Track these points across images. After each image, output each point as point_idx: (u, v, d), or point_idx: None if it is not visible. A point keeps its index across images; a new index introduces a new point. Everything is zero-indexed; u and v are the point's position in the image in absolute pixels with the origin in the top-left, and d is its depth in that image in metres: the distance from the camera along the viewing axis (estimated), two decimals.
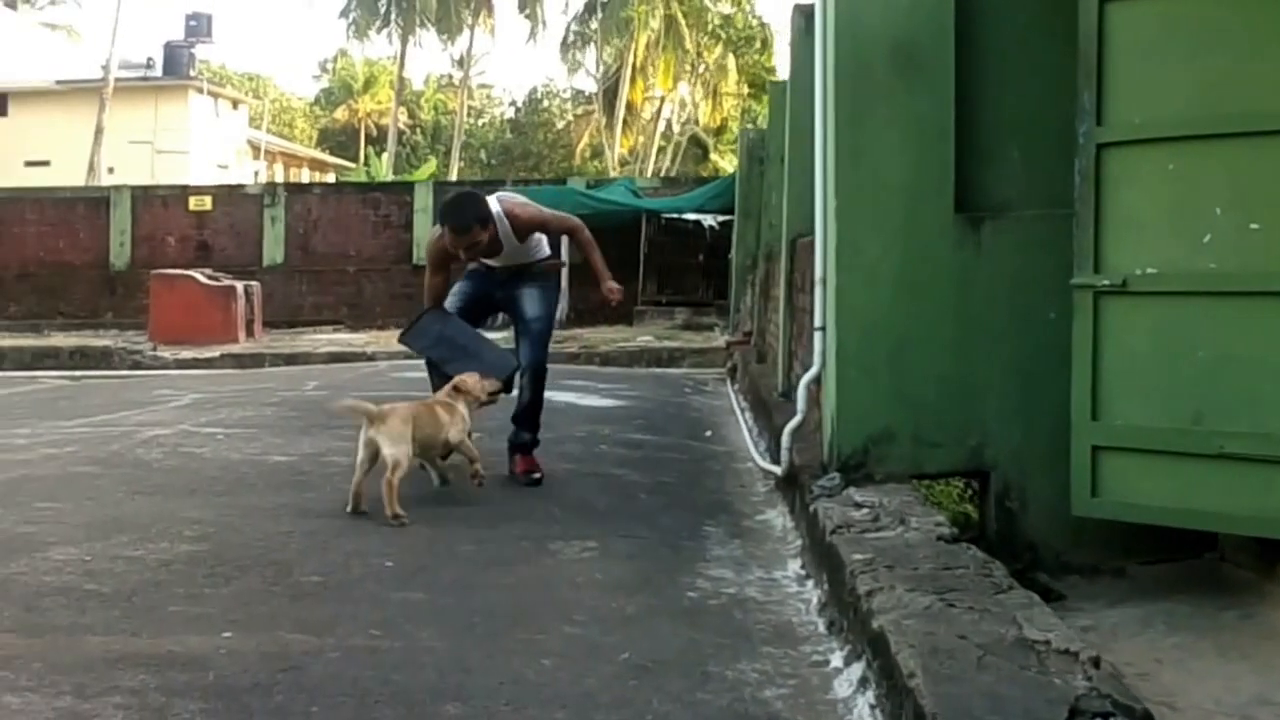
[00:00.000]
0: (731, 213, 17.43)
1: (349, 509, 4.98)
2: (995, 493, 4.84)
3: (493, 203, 5.75)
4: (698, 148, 43.39)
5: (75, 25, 41.94)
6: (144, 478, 5.69)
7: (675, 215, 18.90)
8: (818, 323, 5.07)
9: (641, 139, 43.56)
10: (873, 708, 2.87)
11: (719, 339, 14.77)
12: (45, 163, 31.59)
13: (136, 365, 14.50)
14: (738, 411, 9.02)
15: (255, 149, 38.06)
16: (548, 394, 6.12)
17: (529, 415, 5.95)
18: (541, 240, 6.04)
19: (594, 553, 4.51)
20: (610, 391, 9.49)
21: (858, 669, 3.09)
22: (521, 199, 6.05)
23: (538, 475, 5.81)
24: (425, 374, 6.29)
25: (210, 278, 16.45)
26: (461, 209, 5.66)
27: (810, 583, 4.18)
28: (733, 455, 7.13)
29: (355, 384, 10.49)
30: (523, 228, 5.83)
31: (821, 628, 3.65)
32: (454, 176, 37.51)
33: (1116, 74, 4.20)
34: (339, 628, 3.49)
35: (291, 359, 14.49)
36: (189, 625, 3.48)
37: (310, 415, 7.92)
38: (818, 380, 5.18)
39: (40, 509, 4.98)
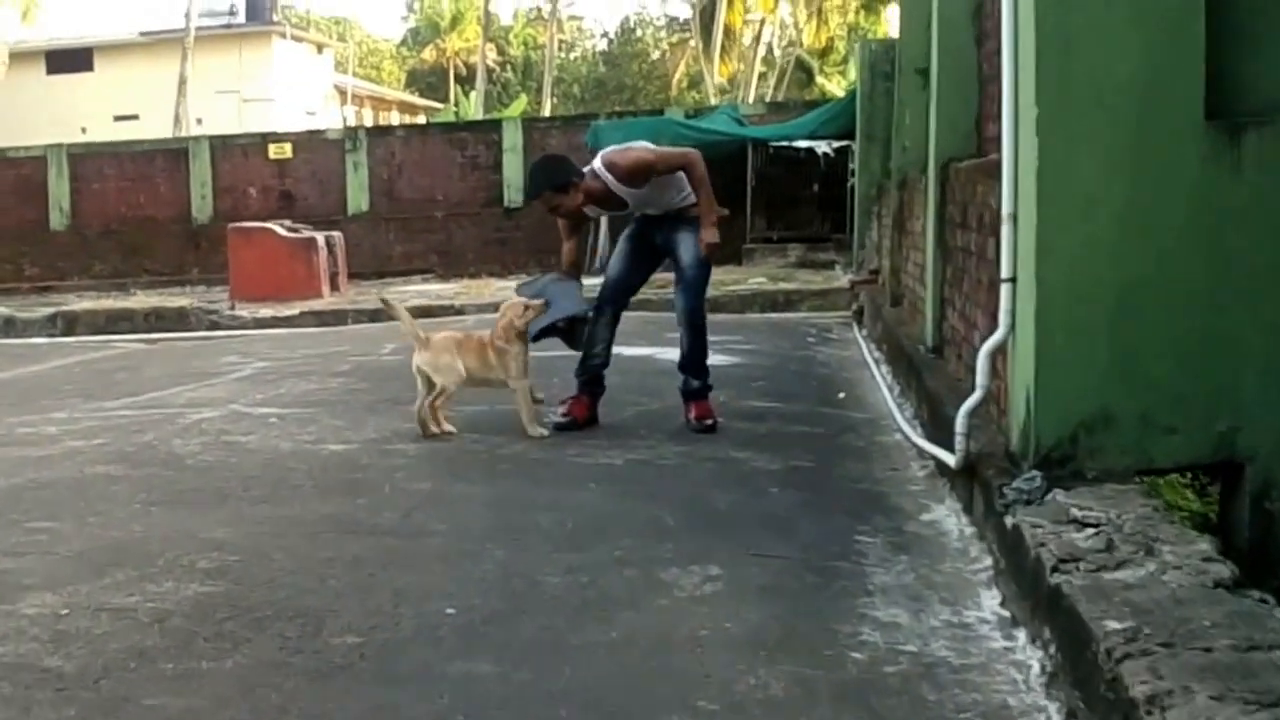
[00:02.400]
0: (847, 138, 16.09)
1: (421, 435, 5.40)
2: (1250, 491, 3.63)
3: (596, 160, 5.66)
4: (802, 71, 41.22)
5: None
6: (171, 481, 4.73)
7: (785, 143, 17.47)
8: (1005, 272, 3.89)
9: (741, 66, 41.63)
10: None
11: (840, 278, 13.45)
12: (134, 117, 31.29)
13: (214, 325, 13.74)
14: (871, 364, 7.84)
15: (343, 94, 37.37)
16: (650, 351, 6.15)
17: (690, 361, 5.74)
18: (684, 182, 5.68)
19: (718, 585, 3.41)
20: (723, 346, 8.25)
21: None
22: (624, 146, 5.78)
23: (710, 422, 5.61)
24: None
25: (289, 229, 15.60)
26: (534, 175, 5.79)
27: (1022, 634, 3.03)
28: (874, 423, 5.99)
29: None
30: (625, 175, 5.55)
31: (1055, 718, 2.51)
32: (546, 113, 36.26)
33: None
34: None
35: (375, 315, 13.55)
36: None
37: (381, 387, 6.94)
38: (1002, 347, 3.99)
39: (33, 531, 4.05)
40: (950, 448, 4.40)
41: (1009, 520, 3.40)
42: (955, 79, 6.26)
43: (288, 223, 16.07)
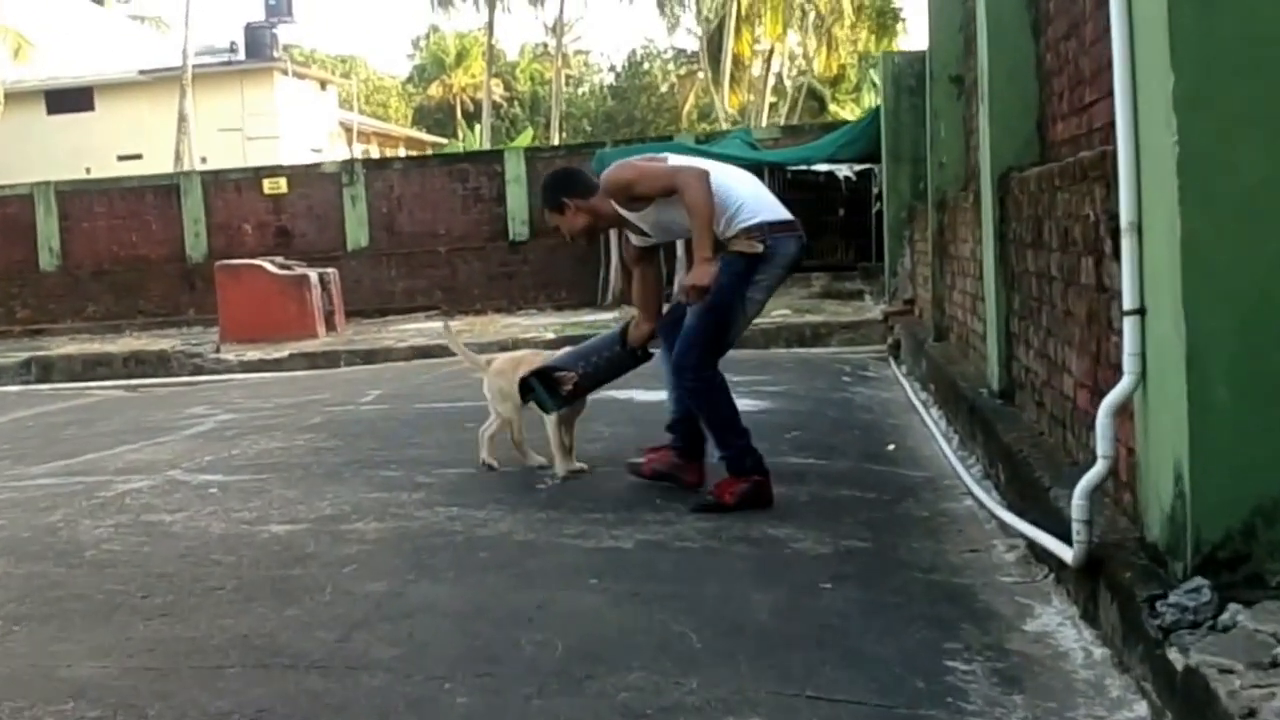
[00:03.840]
0: (869, 160, 15.30)
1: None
2: None
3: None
4: (813, 100, 40.48)
5: (164, 17, 40.98)
6: (57, 583, 3.71)
7: (803, 167, 16.51)
8: (1129, 301, 2.90)
9: (751, 96, 40.87)
10: None
11: (872, 308, 12.48)
12: (137, 156, 30.59)
13: (198, 370, 12.81)
14: (919, 408, 6.87)
15: (348, 131, 36.64)
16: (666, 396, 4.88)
17: (704, 426, 4.61)
18: (728, 204, 4.51)
19: None
20: (749, 387, 7.23)
21: None
22: (627, 160, 4.81)
23: (706, 502, 4.42)
24: None
25: (281, 266, 14.70)
26: (540, 191, 5.02)
27: None
28: (935, 484, 4.99)
29: (426, 390, 8.54)
30: (608, 194, 4.65)
31: None
32: (555, 143, 35.46)
33: None
34: None
35: (370, 356, 12.65)
36: None
37: (352, 446, 5.96)
38: (1127, 402, 2.99)
39: None
40: (1055, 530, 3.41)
41: (1177, 657, 2.39)
42: (1010, 75, 5.33)
43: (279, 259, 15.18)
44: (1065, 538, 3.27)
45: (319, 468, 5.40)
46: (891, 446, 5.89)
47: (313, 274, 14.52)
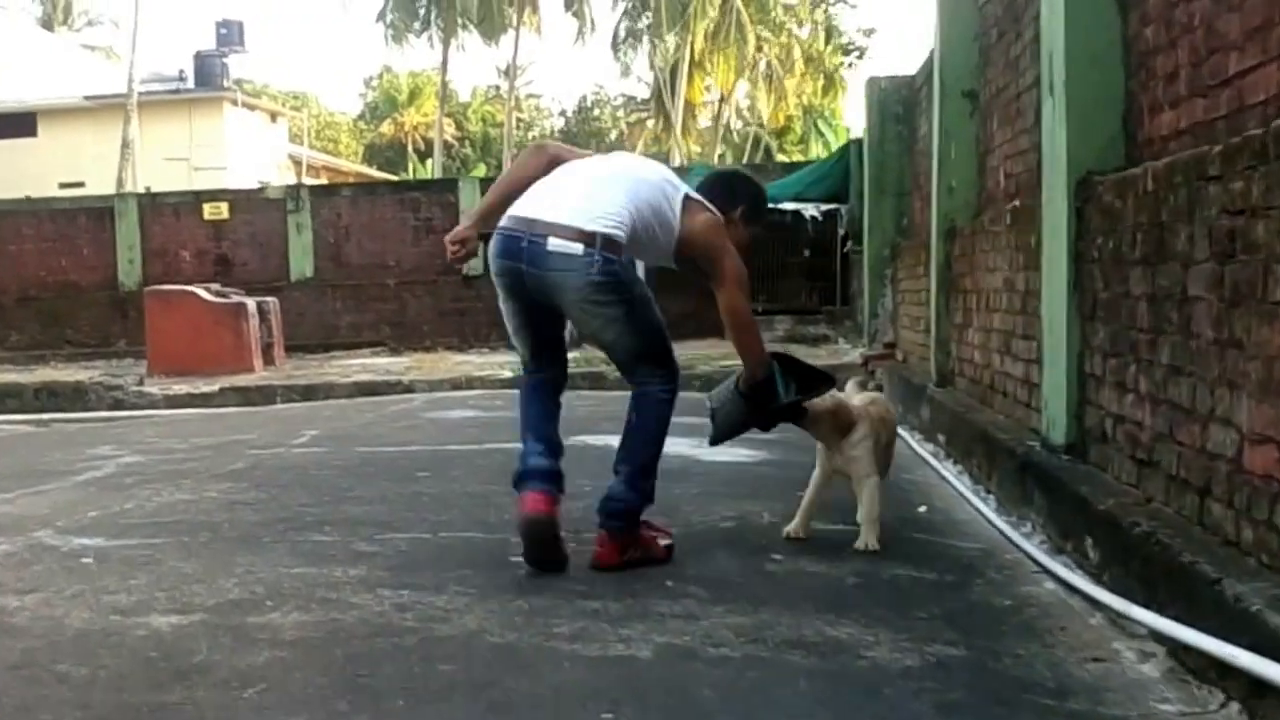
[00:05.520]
0: (836, 200, 14.76)
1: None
2: None
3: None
4: (763, 152, 40.68)
5: (114, 47, 39.86)
6: None
7: (768, 205, 15.76)
8: None
9: (699, 149, 40.70)
10: None
11: (848, 352, 11.69)
12: (80, 184, 29.39)
13: (117, 404, 11.61)
14: (931, 461, 6.02)
15: (298, 165, 35.54)
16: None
17: None
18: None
19: None
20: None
21: None
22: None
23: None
24: (463, 415, 5.79)
25: (216, 294, 13.57)
26: None
27: None
28: (995, 559, 4.06)
29: (371, 430, 7.44)
30: None
31: None
32: None
33: None
34: None
35: (309, 392, 11.53)
36: None
37: (277, 500, 4.86)
38: None
39: None
40: (1224, 636, 2.45)
41: None
42: (1094, 60, 4.48)
43: (214, 286, 14.04)
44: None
45: (230, 529, 4.29)
46: (923, 508, 4.95)
47: (250, 303, 13.41)
